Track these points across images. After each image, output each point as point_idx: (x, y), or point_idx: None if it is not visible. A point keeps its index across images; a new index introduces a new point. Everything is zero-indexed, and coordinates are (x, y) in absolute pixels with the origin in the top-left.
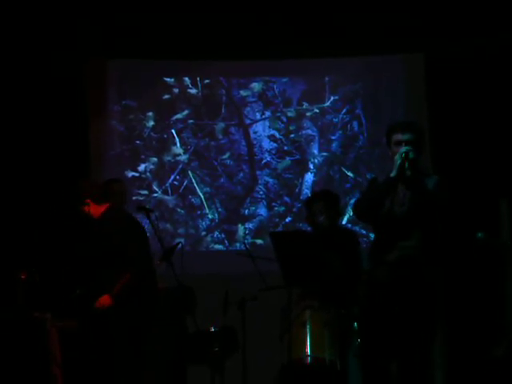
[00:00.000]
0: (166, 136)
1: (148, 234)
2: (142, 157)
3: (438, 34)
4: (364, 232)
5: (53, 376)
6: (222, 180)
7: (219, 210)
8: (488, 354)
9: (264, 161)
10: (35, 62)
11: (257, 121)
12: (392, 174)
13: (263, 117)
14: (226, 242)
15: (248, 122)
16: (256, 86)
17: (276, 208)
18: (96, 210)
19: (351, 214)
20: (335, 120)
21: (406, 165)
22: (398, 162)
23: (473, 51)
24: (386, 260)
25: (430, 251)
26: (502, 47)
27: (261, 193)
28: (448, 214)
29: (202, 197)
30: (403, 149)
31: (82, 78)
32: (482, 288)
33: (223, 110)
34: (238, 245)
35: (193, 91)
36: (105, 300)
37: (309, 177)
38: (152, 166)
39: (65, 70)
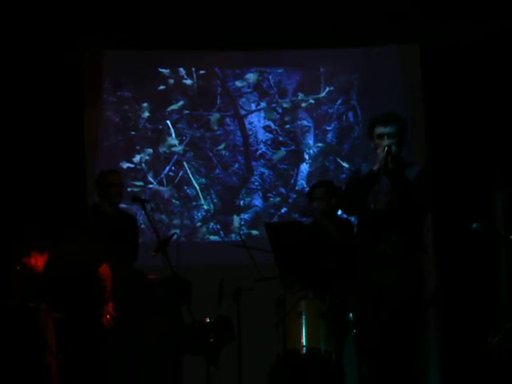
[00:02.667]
0: (161, 127)
1: (143, 225)
2: (137, 148)
3: (433, 24)
4: None
5: (48, 366)
6: (217, 171)
7: (214, 200)
8: (483, 343)
9: (259, 151)
10: (30, 54)
11: (252, 111)
12: (374, 168)
13: (258, 107)
14: (221, 232)
15: (243, 112)
16: (251, 76)
17: (271, 199)
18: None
19: None
20: (331, 111)
21: (389, 158)
22: (381, 156)
23: (469, 41)
24: (371, 253)
25: (411, 243)
26: (499, 37)
27: (256, 184)
28: (431, 201)
29: (198, 188)
30: (386, 142)
31: (77, 69)
32: (477, 278)
33: (218, 101)
34: (233, 236)
35: (188, 82)
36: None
37: (304, 167)
38: (147, 157)
39: (60, 61)
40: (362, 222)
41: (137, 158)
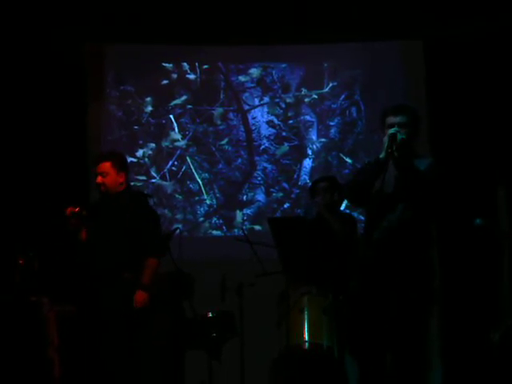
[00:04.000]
0: (164, 121)
1: None
2: (140, 142)
3: (436, 19)
4: (362, 218)
5: (50, 360)
6: (220, 166)
7: (217, 195)
8: (485, 339)
9: (262, 146)
10: (33, 48)
11: (255, 106)
12: (381, 156)
13: (262, 102)
14: (224, 227)
15: (246, 107)
16: (255, 71)
17: (274, 194)
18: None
19: None
20: (334, 106)
21: (394, 146)
22: (386, 143)
23: (471, 37)
24: (373, 238)
25: (414, 233)
26: (502, 32)
27: (259, 179)
28: (438, 196)
29: (200, 182)
30: (391, 130)
31: (80, 64)
32: (479, 274)
33: (222, 96)
34: (236, 231)
35: (191, 76)
36: (141, 296)
37: (307, 163)
38: (150, 152)
39: (63, 56)
40: (369, 210)
41: (140, 153)
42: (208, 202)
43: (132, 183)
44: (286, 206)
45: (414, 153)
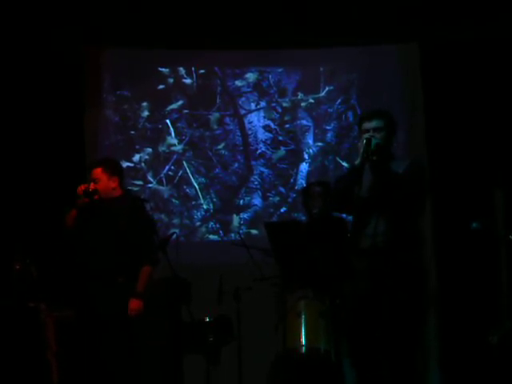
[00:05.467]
0: (160, 126)
1: None
2: (137, 147)
3: (433, 23)
4: None
5: (48, 365)
6: (216, 170)
7: (214, 200)
8: (484, 341)
9: (259, 151)
10: (30, 53)
11: (252, 111)
12: (356, 162)
13: (258, 107)
14: (220, 232)
15: (243, 112)
16: (251, 76)
17: (271, 198)
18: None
19: None
20: (330, 110)
21: (369, 151)
22: (362, 148)
23: (468, 40)
24: (360, 248)
25: (398, 236)
26: (498, 36)
27: (256, 183)
28: (417, 196)
29: (197, 187)
30: (365, 135)
31: (76, 68)
32: (477, 277)
33: (218, 101)
34: (232, 235)
35: (188, 81)
36: (136, 304)
37: (304, 167)
38: (147, 157)
39: (60, 60)
40: (352, 217)
41: (136, 158)
42: (205, 206)
43: (129, 188)
44: (282, 210)
45: (391, 156)
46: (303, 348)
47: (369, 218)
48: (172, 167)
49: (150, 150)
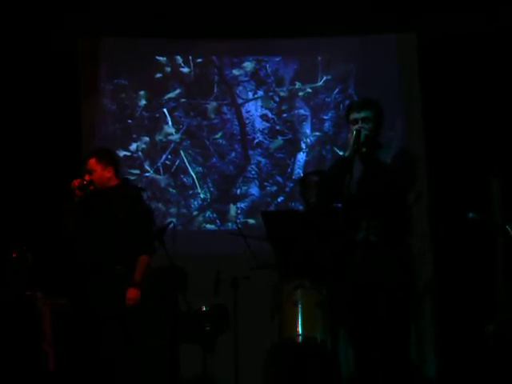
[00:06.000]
0: (157, 115)
1: None
2: (134, 136)
3: (430, 13)
4: None
5: (44, 354)
6: (214, 159)
7: (211, 189)
8: (480, 332)
9: (256, 140)
10: (26, 42)
11: (249, 100)
12: (346, 154)
13: (255, 96)
14: (217, 221)
15: (240, 101)
16: (248, 65)
17: (268, 188)
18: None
19: None
20: (328, 100)
21: (359, 143)
22: (352, 140)
23: (466, 30)
24: (356, 241)
25: (395, 228)
26: (496, 27)
27: (253, 172)
28: (410, 181)
29: (194, 176)
30: (355, 127)
31: (73, 57)
32: (473, 267)
33: (215, 90)
34: (229, 224)
35: (185, 70)
36: (133, 293)
37: (301, 156)
38: (144, 146)
39: (56, 49)
40: (343, 209)
41: (133, 146)
42: (202, 195)
43: (126, 177)
44: (279, 199)
45: (379, 146)
46: (300, 337)
47: (360, 210)
48: (169, 156)
49: (147, 138)
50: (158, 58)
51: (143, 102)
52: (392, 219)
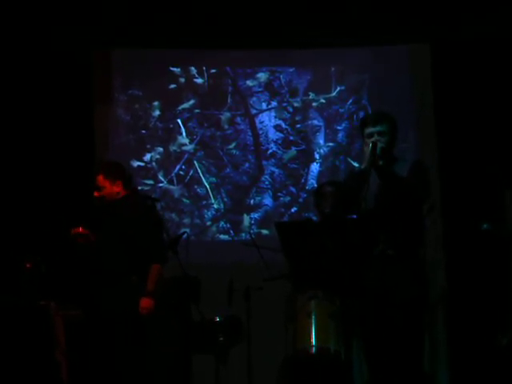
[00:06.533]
0: (171, 126)
1: None
2: (148, 146)
3: (444, 24)
4: None
5: (57, 364)
6: (227, 170)
7: (225, 199)
8: (492, 343)
9: (270, 151)
10: (41, 51)
11: (263, 111)
12: (363, 167)
13: (269, 107)
14: (231, 231)
15: (254, 111)
16: (262, 75)
17: (281, 198)
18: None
19: None
20: (341, 110)
21: (376, 156)
22: (367, 153)
23: (479, 41)
24: (372, 254)
25: (410, 240)
26: (509, 36)
27: (266, 183)
28: (425, 194)
29: (208, 187)
30: (371, 140)
31: (88, 67)
32: (486, 278)
33: (229, 100)
34: (243, 235)
35: (199, 81)
36: (147, 303)
37: (314, 167)
38: (158, 156)
39: (70, 60)
40: (359, 221)
41: (147, 157)
42: (215, 206)
43: (139, 187)
44: (293, 210)
45: (394, 159)
46: (313, 348)
47: (377, 223)
48: (183, 167)
49: (161, 149)
50: (171, 68)
51: (157, 112)
52: (408, 232)
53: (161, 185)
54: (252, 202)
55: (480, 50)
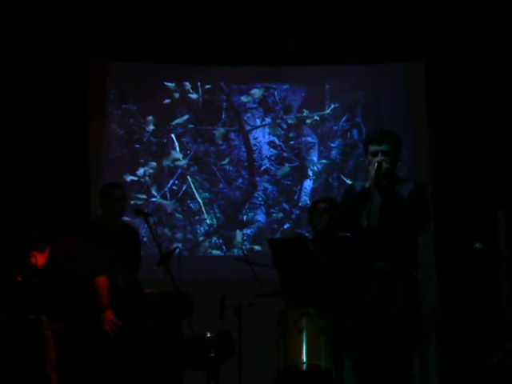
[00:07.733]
0: (165, 140)
1: (145, 239)
2: (142, 161)
3: (438, 43)
4: None
5: (47, 378)
6: (220, 185)
7: (218, 215)
8: (484, 362)
9: (263, 167)
10: (36, 66)
11: (257, 127)
12: (366, 185)
13: (263, 123)
14: (223, 247)
15: (248, 128)
16: (257, 92)
17: (274, 214)
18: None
19: None
20: (335, 128)
21: (380, 176)
22: (372, 172)
23: (473, 60)
24: (368, 271)
25: (406, 260)
26: (503, 55)
27: (259, 199)
28: (424, 218)
29: (201, 202)
30: (376, 159)
31: (82, 81)
32: (478, 297)
33: (223, 116)
34: (235, 250)
35: (193, 96)
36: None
37: (308, 184)
38: (151, 171)
39: (65, 73)
40: (357, 239)
41: (140, 171)
42: (208, 221)
43: (132, 202)
44: (286, 226)
45: (397, 179)
46: (304, 365)
47: (376, 241)
48: (176, 181)
49: (154, 164)
50: (166, 83)
51: (151, 127)
52: (405, 252)
53: (154, 199)
54: (245, 217)
55: (473, 69)
